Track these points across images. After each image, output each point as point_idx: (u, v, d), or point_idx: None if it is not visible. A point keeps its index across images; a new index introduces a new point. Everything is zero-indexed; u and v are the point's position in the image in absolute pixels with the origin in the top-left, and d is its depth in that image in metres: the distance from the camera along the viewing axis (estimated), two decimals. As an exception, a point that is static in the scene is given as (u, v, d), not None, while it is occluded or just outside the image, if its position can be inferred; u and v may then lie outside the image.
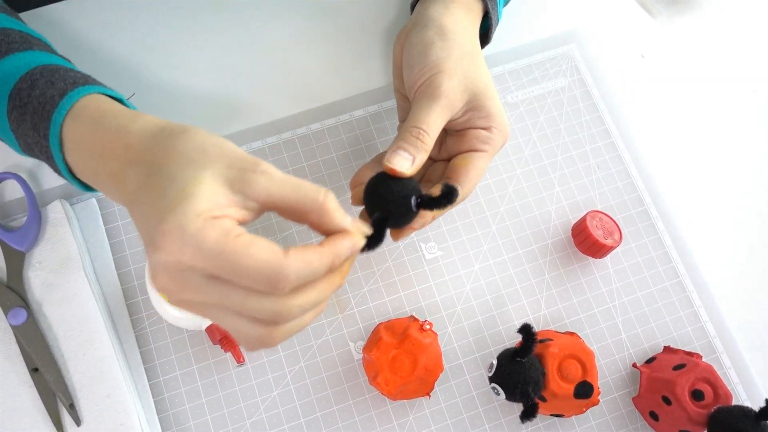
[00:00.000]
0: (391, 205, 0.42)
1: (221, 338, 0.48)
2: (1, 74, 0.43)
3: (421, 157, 0.44)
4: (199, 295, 0.34)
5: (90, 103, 0.41)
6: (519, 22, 0.59)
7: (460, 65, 0.47)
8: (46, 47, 0.47)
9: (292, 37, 0.59)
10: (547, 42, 0.61)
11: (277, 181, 0.35)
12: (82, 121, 0.40)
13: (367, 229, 0.38)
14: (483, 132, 0.47)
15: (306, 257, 0.34)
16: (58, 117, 0.40)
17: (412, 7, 0.54)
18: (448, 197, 0.41)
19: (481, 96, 0.47)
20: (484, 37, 0.54)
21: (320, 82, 0.58)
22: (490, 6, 0.52)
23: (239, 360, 0.48)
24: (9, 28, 0.46)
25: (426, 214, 0.46)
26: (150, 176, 0.35)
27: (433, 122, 0.45)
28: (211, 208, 0.33)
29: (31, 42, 0.45)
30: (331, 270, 0.36)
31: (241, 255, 0.32)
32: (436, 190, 0.42)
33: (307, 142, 0.56)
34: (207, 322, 0.47)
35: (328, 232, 0.37)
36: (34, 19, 0.57)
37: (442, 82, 0.46)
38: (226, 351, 0.48)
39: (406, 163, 0.43)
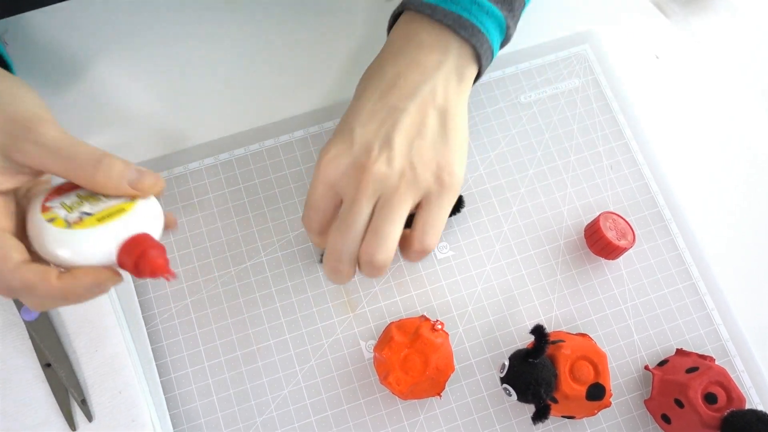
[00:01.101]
0: None
1: (135, 260, 0.35)
2: None
3: None
4: None
5: None
6: (533, 22, 0.58)
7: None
8: None
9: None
10: (560, 42, 0.61)
11: (49, 149, 0.34)
12: None
13: (152, 180, 0.36)
14: None
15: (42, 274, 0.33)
16: None
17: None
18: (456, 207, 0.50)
19: None
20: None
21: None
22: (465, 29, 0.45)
23: (168, 276, 0.35)
24: None
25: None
26: None
27: None
28: None
29: None
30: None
31: None
32: None
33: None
34: (114, 256, 0.35)
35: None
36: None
37: None
38: (144, 276, 0.35)
39: None
